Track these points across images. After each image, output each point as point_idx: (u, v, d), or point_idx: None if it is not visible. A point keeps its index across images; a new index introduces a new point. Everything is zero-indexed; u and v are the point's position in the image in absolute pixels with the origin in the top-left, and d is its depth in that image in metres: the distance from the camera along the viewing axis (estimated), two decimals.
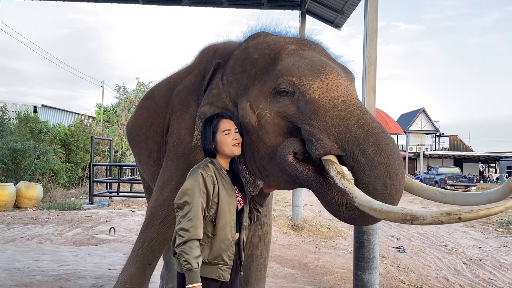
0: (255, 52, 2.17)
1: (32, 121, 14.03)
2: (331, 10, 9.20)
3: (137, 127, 3.20)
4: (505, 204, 1.48)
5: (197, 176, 1.93)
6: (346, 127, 1.83)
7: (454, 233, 9.10)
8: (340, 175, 1.77)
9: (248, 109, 2.08)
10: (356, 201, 1.69)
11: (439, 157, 40.72)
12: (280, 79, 1.99)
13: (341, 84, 1.97)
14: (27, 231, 7.21)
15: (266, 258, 2.90)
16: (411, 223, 1.56)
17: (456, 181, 19.78)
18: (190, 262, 1.80)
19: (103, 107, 27.94)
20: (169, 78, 3.12)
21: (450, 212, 1.50)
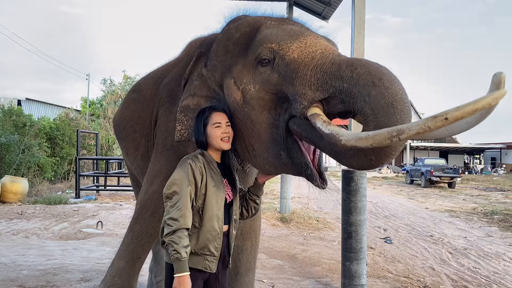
0: (237, 32, 2.14)
1: (16, 115, 13.81)
2: (319, 2, 9.19)
3: (124, 120, 3.17)
4: (492, 94, 1.39)
5: (186, 166, 1.93)
6: (323, 71, 1.79)
7: (440, 223, 9.23)
8: (326, 123, 1.71)
9: (233, 85, 2.06)
10: (342, 139, 1.62)
11: (425, 149, 41.20)
12: (260, 48, 1.97)
13: (319, 42, 1.95)
14: (12, 225, 7.12)
15: (256, 249, 2.90)
16: (399, 139, 1.47)
17: (442, 172, 19.96)
18: (179, 251, 1.81)
19: (89, 100, 27.61)
20: (156, 71, 3.08)
21: (435, 115, 1.41)
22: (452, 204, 13.05)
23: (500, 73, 1.44)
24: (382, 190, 18.07)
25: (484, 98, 1.38)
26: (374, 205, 12.29)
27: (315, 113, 1.75)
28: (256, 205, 2.23)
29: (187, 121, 2.23)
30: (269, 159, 1.99)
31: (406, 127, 1.46)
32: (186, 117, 2.24)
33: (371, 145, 1.55)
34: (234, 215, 2.08)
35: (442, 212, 11.20)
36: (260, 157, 2.03)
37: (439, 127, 1.41)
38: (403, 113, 1.61)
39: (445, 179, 19.75)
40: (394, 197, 15.31)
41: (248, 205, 2.20)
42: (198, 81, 2.28)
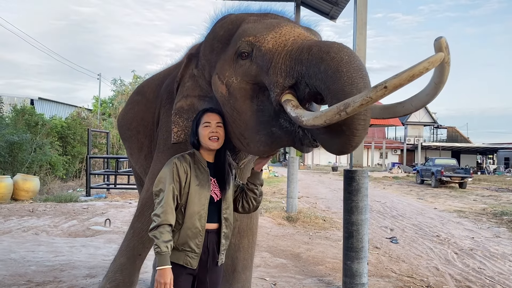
0: (221, 29, 2.20)
1: (28, 114, 14.05)
2: (326, 1, 9.20)
3: (127, 121, 3.26)
4: (427, 59, 1.40)
5: (171, 165, 2.02)
6: (291, 57, 1.82)
7: (448, 224, 9.18)
8: (294, 107, 1.75)
9: (217, 80, 2.11)
10: (304, 119, 1.65)
11: (437, 148, 40.85)
12: (238, 42, 2.02)
13: (295, 31, 1.97)
14: (23, 223, 7.27)
15: (253, 247, 2.95)
16: (346, 113, 1.49)
17: (453, 172, 19.78)
18: (159, 246, 1.89)
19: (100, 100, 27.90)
20: (159, 74, 3.16)
21: (375, 85, 1.44)
22: (461, 205, 12.95)
23: (440, 37, 1.47)
24: (391, 190, 17.99)
25: (420, 63, 1.40)
26: (383, 205, 12.25)
27: (287, 99, 1.79)
28: (255, 195, 2.21)
29: (182, 122, 2.29)
30: (262, 139, 2.01)
31: (351, 100, 1.49)
32: (181, 119, 2.30)
33: (325, 121, 1.57)
34: (224, 214, 2.11)
35: (450, 212, 11.13)
36: (253, 142, 2.05)
37: (380, 96, 1.43)
38: (350, 72, 1.62)
39: (456, 179, 19.58)
40: (403, 197, 15.23)
41: (247, 196, 2.21)
42: (190, 82, 2.34)
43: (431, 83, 1.78)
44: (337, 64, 1.64)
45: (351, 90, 1.59)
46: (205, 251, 2.05)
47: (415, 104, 1.87)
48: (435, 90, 1.75)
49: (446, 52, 1.49)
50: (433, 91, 1.76)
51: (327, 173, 32.18)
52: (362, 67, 1.68)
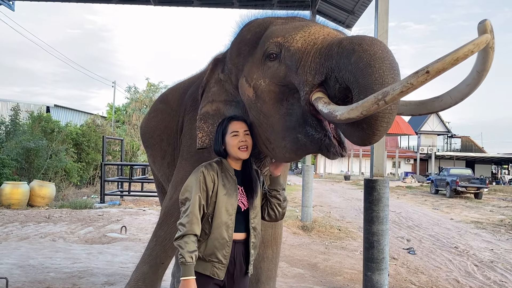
0: (248, 33, 2.18)
1: (44, 121, 14.22)
2: (342, 10, 9.20)
3: (151, 129, 3.27)
4: (473, 41, 1.33)
5: (198, 173, 1.99)
6: (320, 54, 1.80)
7: (466, 235, 9.03)
8: (326, 104, 1.70)
9: (244, 83, 2.09)
10: (337, 114, 1.60)
11: (451, 158, 40.39)
12: (266, 43, 2.00)
13: (324, 29, 1.94)
14: (40, 229, 7.32)
15: (277, 257, 2.91)
16: (385, 101, 1.43)
17: (468, 182, 19.51)
18: (184, 256, 1.86)
19: (114, 107, 28.16)
20: (183, 82, 3.18)
21: (417, 71, 1.38)
22: (478, 215, 12.75)
23: (484, 20, 1.40)
24: (406, 200, 17.79)
25: (465, 45, 1.33)
26: (398, 215, 12.11)
27: (318, 97, 1.75)
28: (279, 201, 2.17)
29: (207, 127, 2.26)
30: (288, 146, 1.97)
31: (390, 88, 1.43)
32: (206, 124, 2.27)
33: (361, 113, 1.52)
34: (252, 223, 2.08)
35: (467, 223, 10.96)
36: (278, 148, 2.02)
37: (421, 82, 1.37)
38: (382, 70, 1.57)
39: (471, 189, 19.32)
40: (418, 207, 15.04)
41: (272, 204, 2.17)
42: (216, 87, 2.32)
43: (473, 72, 1.67)
44: (370, 58, 1.59)
45: (379, 89, 1.51)
46: (232, 261, 2.02)
47: (455, 96, 1.76)
48: (478, 79, 1.64)
49: (491, 35, 1.40)
50: (475, 80, 1.65)
51: (339, 182, 31.98)
52: (395, 65, 1.63)
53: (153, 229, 2.81)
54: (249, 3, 10.05)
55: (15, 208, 9.52)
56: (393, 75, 1.59)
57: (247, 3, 10.02)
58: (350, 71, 1.63)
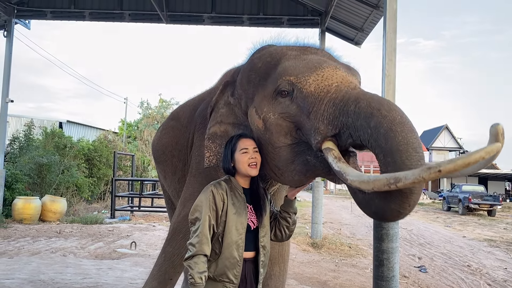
0: (259, 62, 2.22)
1: (57, 137, 14.41)
2: (351, 27, 9.29)
3: (162, 146, 3.33)
4: (485, 148, 1.40)
5: (207, 193, 2.00)
6: (334, 105, 1.83)
7: (478, 253, 8.88)
8: (336, 159, 1.76)
9: (254, 114, 2.13)
10: (348, 178, 1.67)
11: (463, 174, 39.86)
12: (279, 80, 2.03)
13: (337, 74, 1.96)
14: (51, 244, 7.38)
15: (284, 275, 2.90)
16: (395, 186, 1.50)
17: (481, 199, 19.24)
18: (193, 277, 1.87)
19: (126, 123, 28.45)
20: (193, 99, 3.24)
21: (429, 166, 1.44)
22: (491, 233, 12.54)
23: (497, 124, 1.45)
24: (417, 217, 17.56)
25: (477, 151, 1.40)
26: (409, 232, 11.97)
27: (329, 148, 1.81)
28: (288, 224, 2.20)
29: (215, 147, 2.31)
30: (297, 168, 2.00)
31: (403, 176, 1.49)
32: (214, 144, 2.32)
33: (372, 189, 1.59)
34: (262, 242, 2.09)
35: (480, 241, 10.78)
36: (287, 172, 2.05)
37: (432, 177, 1.45)
38: (404, 133, 1.62)
39: (484, 206, 19.04)
40: (430, 224, 14.85)
41: (280, 225, 2.19)
42: (225, 109, 2.37)
43: None
44: (390, 124, 1.64)
45: (406, 149, 1.59)
46: (242, 280, 2.02)
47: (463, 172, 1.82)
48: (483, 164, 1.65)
49: (502, 139, 1.47)
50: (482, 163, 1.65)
51: (350, 198, 31.61)
52: (414, 128, 1.70)
53: (162, 245, 2.84)
54: (259, 21, 10.20)
55: (27, 223, 9.60)
56: (416, 136, 1.65)
57: (257, 21, 10.17)
58: (370, 134, 1.68)
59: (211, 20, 10.19)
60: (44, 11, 10.19)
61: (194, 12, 10.17)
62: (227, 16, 10.16)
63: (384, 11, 4.27)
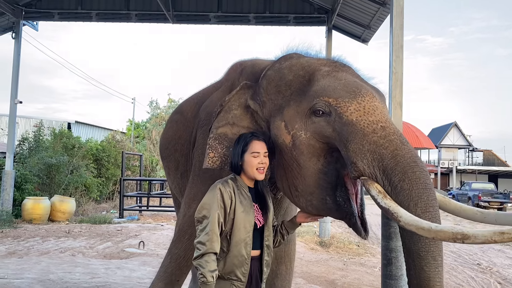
0: (290, 73, 2.18)
1: (66, 137, 14.51)
2: (358, 25, 9.24)
3: (166, 140, 3.31)
4: None
5: (215, 191, 1.99)
6: (380, 155, 1.85)
7: (489, 251, 8.80)
8: (382, 194, 1.80)
9: (283, 128, 2.08)
10: (401, 220, 1.70)
11: (473, 172, 39.55)
12: (316, 99, 2.00)
13: (377, 108, 1.97)
14: (60, 243, 7.43)
15: (291, 274, 2.89)
16: (462, 242, 1.55)
17: (491, 197, 19.10)
18: (205, 275, 1.86)
19: (133, 123, 28.59)
20: (198, 93, 3.20)
21: (503, 231, 1.48)
22: None
23: None
24: None
25: None
26: None
27: (370, 179, 1.87)
28: (282, 240, 2.26)
29: (222, 149, 2.24)
30: (313, 202, 2.03)
31: (472, 235, 1.54)
32: (221, 145, 2.24)
33: (433, 238, 1.64)
34: (266, 241, 2.09)
35: None
36: (303, 198, 2.07)
37: (505, 241, 1.53)
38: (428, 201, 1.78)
39: (495, 204, 18.90)
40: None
41: (275, 236, 2.22)
42: (239, 111, 2.30)
43: None
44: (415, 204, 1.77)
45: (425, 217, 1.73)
46: (248, 278, 2.03)
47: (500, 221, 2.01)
48: None
49: None
50: None
51: None
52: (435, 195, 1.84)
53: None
54: (265, 20, 10.17)
55: (37, 223, 9.68)
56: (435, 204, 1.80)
57: (263, 20, 10.15)
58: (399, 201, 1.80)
59: (217, 19, 10.19)
60: (52, 12, 10.27)
61: (200, 11, 10.18)
62: (234, 15, 10.16)
63: (391, 8, 4.24)
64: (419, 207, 1.75)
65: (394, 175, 1.81)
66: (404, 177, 1.79)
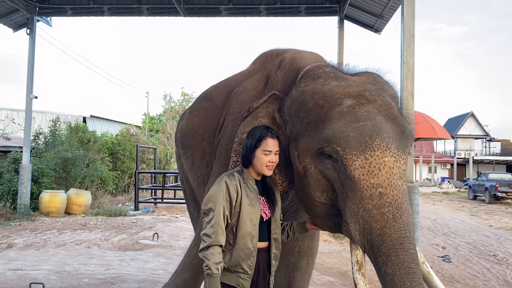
0: (311, 100, 2.04)
1: (81, 131, 14.70)
2: (370, 14, 9.13)
3: (193, 128, 3.15)
4: None
5: (221, 183, 1.99)
6: (370, 228, 1.82)
7: (505, 242, 8.69)
8: (358, 265, 1.84)
9: (296, 158, 2.07)
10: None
11: (490, 162, 38.94)
12: (325, 143, 1.93)
13: (384, 167, 1.85)
14: (76, 236, 7.56)
15: (311, 268, 2.88)
16: None
17: (508, 187, 18.74)
18: (210, 267, 1.87)
19: (148, 117, 28.80)
20: (229, 80, 3.08)
21: None
22: None
23: None
24: (442, 206, 17.29)
25: None
26: (433, 221, 11.79)
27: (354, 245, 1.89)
28: (287, 239, 2.28)
29: None
30: (328, 224, 2.07)
31: None
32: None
33: None
34: (274, 234, 2.10)
35: (508, 230, 10.54)
36: (317, 220, 2.12)
37: None
38: None
39: None
40: (455, 213, 14.59)
41: (282, 233, 2.22)
42: (266, 120, 2.24)
43: None
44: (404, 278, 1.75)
45: None
46: (256, 270, 2.03)
47: None
48: None
49: None
50: None
51: None
52: None
53: (184, 236, 2.84)
54: (276, 11, 10.11)
55: (53, 216, 9.86)
56: None
57: (274, 11, 10.09)
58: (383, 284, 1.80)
59: (228, 11, 10.16)
60: (65, 8, 10.35)
61: (211, 4, 10.16)
62: (244, 7, 10.11)
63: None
64: None
65: (379, 255, 1.78)
66: (387, 260, 1.75)
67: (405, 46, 4.09)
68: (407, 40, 4.08)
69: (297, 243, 2.72)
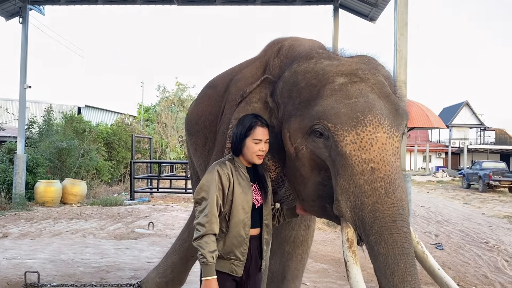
0: (303, 80, 2.03)
1: (76, 121, 14.65)
2: (365, 3, 9.10)
3: (196, 115, 3.16)
4: None
5: (213, 172, 2.00)
6: (361, 203, 1.77)
7: (497, 230, 8.79)
8: (348, 243, 1.78)
9: (288, 139, 2.04)
10: (349, 275, 1.76)
11: (484, 151, 39.21)
12: (316, 121, 1.89)
13: (376, 142, 1.81)
14: (72, 225, 7.59)
15: (306, 258, 2.90)
16: None
17: (502, 176, 18.90)
18: (205, 256, 1.89)
19: (143, 106, 28.72)
20: (233, 69, 3.06)
21: None
22: None
23: None
24: (436, 194, 17.43)
25: None
26: (427, 210, 11.90)
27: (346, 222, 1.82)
28: (277, 224, 2.30)
29: None
30: (315, 208, 2.04)
31: None
32: None
33: None
34: (265, 220, 2.12)
35: (500, 218, 10.66)
36: (306, 203, 2.10)
37: None
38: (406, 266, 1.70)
39: (506, 183, 18.73)
40: (449, 201, 14.72)
41: (273, 219, 2.25)
42: (259, 105, 2.22)
43: None
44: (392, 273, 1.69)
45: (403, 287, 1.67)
46: (248, 257, 2.06)
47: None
48: None
49: None
50: None
51: None
52: None
53: (179, 225, 2.86)
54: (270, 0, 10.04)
55: (49, 205, 9.87)
56: None
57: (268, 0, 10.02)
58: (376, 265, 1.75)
59: (223, 0, 10.10)
60: None
61: None
62: None
63: None
64: (396, 276, 1.67)
65: (371, 233, 1.73)
66: (380, 239, 1.70)
67: (398, 34, 4.09)
68: (400, 28, 4.08)
69: (292, 232, 2.75)
